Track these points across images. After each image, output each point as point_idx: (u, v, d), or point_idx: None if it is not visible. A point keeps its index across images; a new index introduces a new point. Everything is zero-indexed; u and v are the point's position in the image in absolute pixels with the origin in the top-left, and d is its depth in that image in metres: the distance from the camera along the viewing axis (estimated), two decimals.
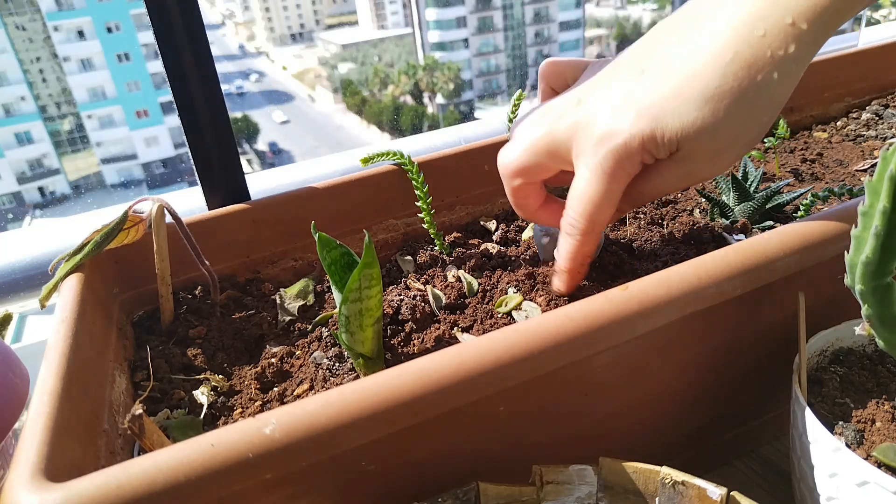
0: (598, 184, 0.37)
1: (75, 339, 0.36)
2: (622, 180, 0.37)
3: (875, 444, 0.33)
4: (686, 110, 0.34)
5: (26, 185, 29.01)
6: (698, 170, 0.37)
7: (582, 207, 0.38)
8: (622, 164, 0.36)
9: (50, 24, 30.22)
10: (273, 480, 0.28)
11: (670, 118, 0.35)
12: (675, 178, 0.37)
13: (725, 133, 0.35)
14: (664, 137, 0.35)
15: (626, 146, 0.36)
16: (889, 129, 0.66)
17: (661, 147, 0.36)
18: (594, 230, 0.38)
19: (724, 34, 0.34)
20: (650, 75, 0.36)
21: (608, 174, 0.36)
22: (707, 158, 0.36)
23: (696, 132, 0.35)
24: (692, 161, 0.36)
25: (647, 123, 0.35)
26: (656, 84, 0.35)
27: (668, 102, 0.35)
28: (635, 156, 0.36)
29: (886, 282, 0.30)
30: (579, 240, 0.39)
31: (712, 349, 0.40)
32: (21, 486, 0.26)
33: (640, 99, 0.36)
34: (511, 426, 0.35)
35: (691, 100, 0.34)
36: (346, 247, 0.38)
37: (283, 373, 0.42)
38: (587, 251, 0.39)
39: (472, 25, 34.94)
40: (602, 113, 0.37)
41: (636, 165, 0.37)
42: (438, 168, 0.55)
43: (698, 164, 0.36)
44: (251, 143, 33.57)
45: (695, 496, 0.31)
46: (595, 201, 0.37)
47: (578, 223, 0.38)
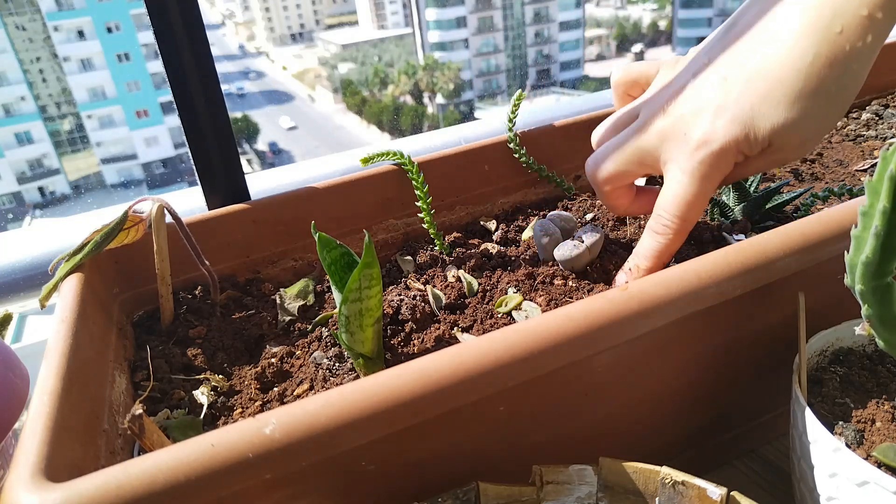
0: (693, 186, 0.40)
1: (75, 339, 0.36)
2: (716, 181, 0.40)
3: (875, 444, 0.33)
4: (776, 113, 0.37)
5: (26, 185, 29.01)
6: (786, 157, 0.40)
7: (677, 209, 0.40)
8: (718, 166, 0.39)
9: (50, 24, 30.22)
10: (273, 480, 0.28)
11: (761, 121, 0.37)
12: (764, 166, 0.41)
13: (812, 126, 0.38)
14: (757, 139, 0.38)
15: (723, 151, 0.39)
16: (889, 129, 0.66)
17: (753, 147, 0.38)
18: (686, 229, 0.41)
19: (803, 35, 0.36)
20: (734, 83, 0.38)
21: (705, 177, 0.39)
22: (795, 148, 0.39)
23: (785, 130, 0.37)
24: (782, 152, 0.39)
25: (740, 129, 0.38)
26: (742, 90, 0.38)
27: (758, 107, 0.37)
28: (730, 158, 0.39)
29: (886, 282, 0.30)
30: (672, 239, 0.41)
31: (712, 349, 0.40)
32: (21, 486, 0.26)
33: (730, 106, 0.38)
34: (511, 426, 0.35)
35: (779, 103, 0.37)
36: (346, 247, 0.38)
37: (283, 373, 0.42)
38: (674, 250, 0.41)
39: (472, 25, 34.93)
40: (694, 121, 0.40)
41: (730, 166, 0.39)
42: (438, 168, 0.55)
43: (787, 153, 0.39)
44: (251, 143, 33.57)
45: (695, 496, 0.31)
46: (690, 202, 0.40)
47: (673, 223, 0.40)
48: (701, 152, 0.39)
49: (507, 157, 0.58)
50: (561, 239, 0.46)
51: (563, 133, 0.60)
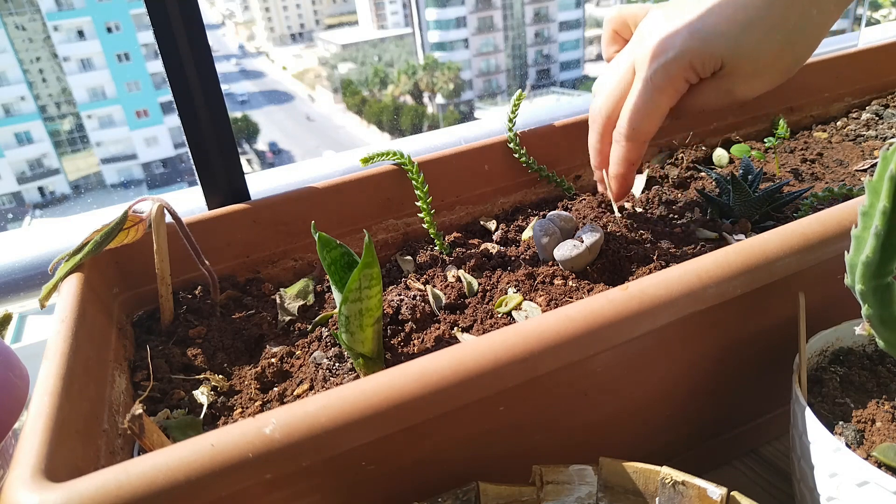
0: (645, 94, 0.43)
1: (75, 339, 0.36)
2: (669, 95, 0.42)
3: (875, 444, 0.33)
4: (732, 34, 0.40)
5: (26, 185, 29.00)
6: (737, 87, 0.42)
7: (629, 115, 0.43)
8: (670, 77, 0.42)
9: (50, 24, 30.20)
10: (273, 480, 0.28)
11: (719, 39, 0.40)
12: (716, 94, 0.43)
13: (764, 57, 0.40)
14: (711, 55, 0.40)
15: (675, 60, 0.41)
16: (889, 129, 0.66)
17: (706, 64, 0.41)
18: (638, 138, 0.43)
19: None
20: (706, 4, 0.41)
21: (657, 87, 0.42)
22: (745, 78, 0.41)
23: (739, 52, 0.40)
24: (732, 78, 0.41)
25: (697, 43, 0.41)
26: (710, 11, 0.41)
27: (718, 26, 0.40)
28: (683, 71, 0.41)
29: (886, 282, 0.30)
30: (624, 146, 0.44)
31: (712, 349, 0.40)
32: (21, 485, 0.26)
33: (693, 22, 0.41)
34: (511, 426, 0.35)
35: (738, 25, 0.40)
36: (346, 247, 0.38)
37: (283, 373, 0.42)
38: (632, 158, 0.45)
39: (472, 25, 34.92)
40: (659, 34, 0.42)
41: (682, 82, 0.42)
42: (438, 168, 0.55)
43: (737, 81, 0.42)
44: (251, 143, 33.55)
45: (695, 496, 0.31)
46: (641, 111, 0.43)
47: (625, 130, 0.44)
48: (656, 61, 0.42)
49: (507, 157, 0.58)
50: (561, 239, 0.46)
51: (563, 133, 0.60)
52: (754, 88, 0.42)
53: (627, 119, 0.44)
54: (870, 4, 1.31)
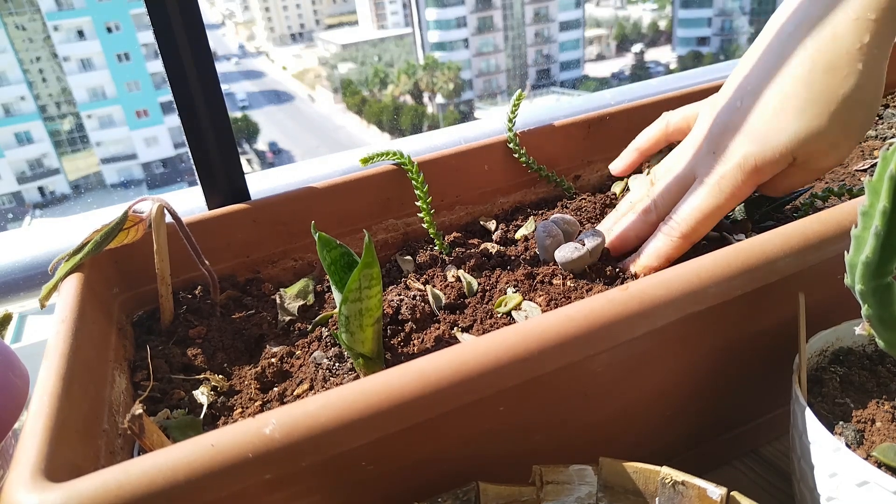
0: (713, 197, 0.42)
1: (75, 339, 0.36)
2: (734, 200, 0.42)
3: (875, 444, 0.33)
4: (788, 125, 0.39)
5: (26, 185, 28.99)
6: (821, 165, 0.41)
7: (691, 215, 0.42)
8: (736, 182, 0.41)
9: (50, 23, 30.19)
10: (273, 480, 0.28)
11: (777, 135, 0.40)
12: (804, 177, 0.42)
13: (833, 130, 0.39)
14: (776, 154, 0.40)
15: (738, 167, 0.41)
16: (889, 129, 0.66)
17: (776, 163, 0.40)
18: (692, 238, 0.43)
19: (800, 51, 0.39)
20: (749, 104, 0.41)
21: (725, 191, 0.41)
22: (825, 155, 0.40)
23: (806, 141, 0.39)
24: (813, 162, 0.41)
25: (757, 146, 0.40)
26: (756, 110, 0.41)
27: (772, 123, 0.40)
28: (749, 178, 0.41)
29: (886, 282, 0.30)
30: (675, 243, 0.43)
31: (712, 349, 0.40)
32: (21, 486, 0.26)
33: (746, 125, 0.41)
34: (511, 426, 0.35)
35: (790, 115, 0.39)
36: (346, 247, 0.38)
37: (283, 373, 0.42)
38: (674, 255, 0.43)
39: (472, 25, 34.91)
40: (717, 140, 0.42)
41: (750, 187, 0.41)
42: (438, 168, 0.55)
43: (819, 161, 0.41)
44: (251, 143, 33.55)
45: (695, 496, 0.31)
46: (706, 213, 0.42)
47: (681, 227, 0.42)
48: (720, 167, 0.41)
49: (507, 157, 0.58)
50: (563, 241, 0.46)
51: (563, 133, 0.60)
52: (841, 156, 0.41)
53: (685, 217, 0.42)
54: None
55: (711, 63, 0.94)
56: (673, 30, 36.56)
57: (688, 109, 0.52)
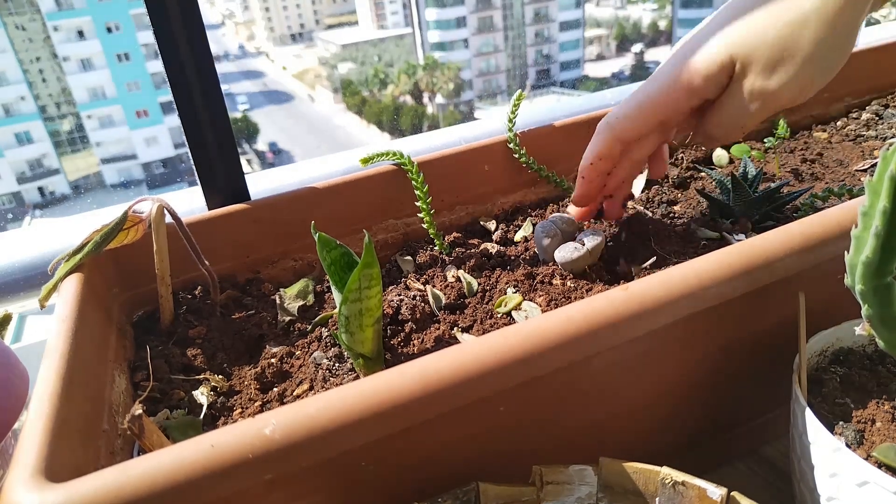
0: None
1: (75, 340, 0.36)
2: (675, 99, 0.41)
3: (875, 444, 0.33)
4: (736, 29, 0.39)
5: (26, 185, 28.99)
6: (757, 84, 0.39)
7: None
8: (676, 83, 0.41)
9: (50, 24, 30.19)
10: (273, 481, 0.28)
11: (723, 39, 0.39)
12: (738, 102, 0.40)
13: (776, 45, 0.38)
14: (712, 49, 0.39)
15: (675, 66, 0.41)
16: (889, 129, 0.66)
17: (713, 62, 0.39)
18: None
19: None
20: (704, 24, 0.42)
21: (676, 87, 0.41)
22: (763, 70, 0.38)
23: (739, 42, 0.38)
24: (750, 75, 0.39)
25: (697, 52, 0.41)
26: (715, 19, 0.42)
27: (725, 28, 0.40)
28: (684, 75, 0.41)
29: (886, 282, 0.30)
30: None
31: (712, 349, 0.40)
32: (21, 486, 0.26)
33: (688, 43, 0.42)
34: (511, 426, 0.35)
35: (744, 22, 0.39)
36: (345, 247, 0.38)
37: (283, 373, 0.42)
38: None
39: (472, 25, 34.91)
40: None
41: (685, 89, 0.41)
42: (438, 168, 0.55)
43: (756, 78, 0.39)
44: (251, 143, 33.54)
45: (695, 496, 0.31)
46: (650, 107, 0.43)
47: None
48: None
49: (507, 157, 0.58)
50: (562, 241, 0.46)
51: (563, 133, 0.60)
52: (782, 84, 0.38)
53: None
54: None
55: None
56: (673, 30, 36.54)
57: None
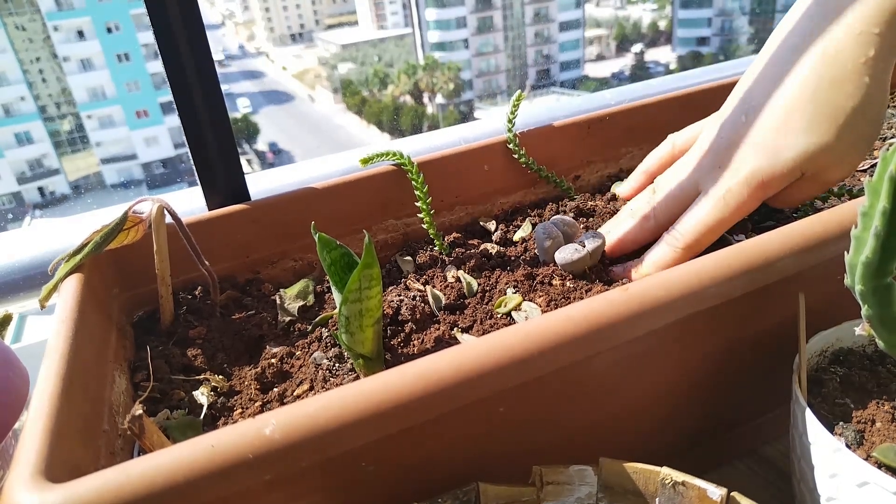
0: (717, 211, 0.41)
1: (75, 340, 0.36)
2: (739, 213, 0.41)
3: (875, 444, 0.33)
4: (796, 141, 0.39)
5: (26, 185, 28.98)
6: (829, 178, 0.41)
7: (695, 227, 0.42)
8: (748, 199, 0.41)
9: (50, 24, 30.18)
10: (273, 481, 0.28)
11: (785, 152, 0.39)
12: (813, 191, 0.42)
13: (840, 145, 0.39)
14: (785, 169, 0.40)
15: (747, 180, 0.40)
16: (889, 129, 0.66)
17: (783, 178, 0.40)
18: (694, 250, 0.42)
19: (805, 65, 0.39)
20: (755, 118, 0.41)
21: (730, 205, 0.41)
22: (832, 168, 0.40)
23: (814, 156, 0.39)
24: (821, 176, 0.40)
25: (765, 161, 0.40)
26: (763, 125, 0.41)
27: (780, 139, 0.40)
28: (755, 192, 0.41)
29: (886, 282, 0.30)
30: (678, 253, 0.43)
31: (712, 349, 0.40)
32: (21, 486, 0.26)
33: (757, 139, 0.41)
34: (511, 427, 0.35)
35: (797, 130, 0.39)
36: (346, 247, 0.38)
37: (283, 373, 0.42)
38: (673, 265, 0.42)
39: (472, 25, 34.91)
40: (724, 154, 0.42)
41: (755, 201, 0.41)
42: (438, 168, 0.55)
43: (827, 175, 0.41)
44: (251, 143, 33.54)
45: (695, 496, 0.31)
46: (710, 226, 0.42)
47: (684, 238, 0.42)
48: (726, 181, 0.41)
49: (507, 157, 0.58)
50: (563, 242, 0.46)
51: (563, 133, 0.60)
52: (848, 170, 0.41)
53: (691, 230, 0.42)
54: None
55: (711, 63, 0.94)
56: (673, 30, 36.57)
57: (693, 128, 0.52)
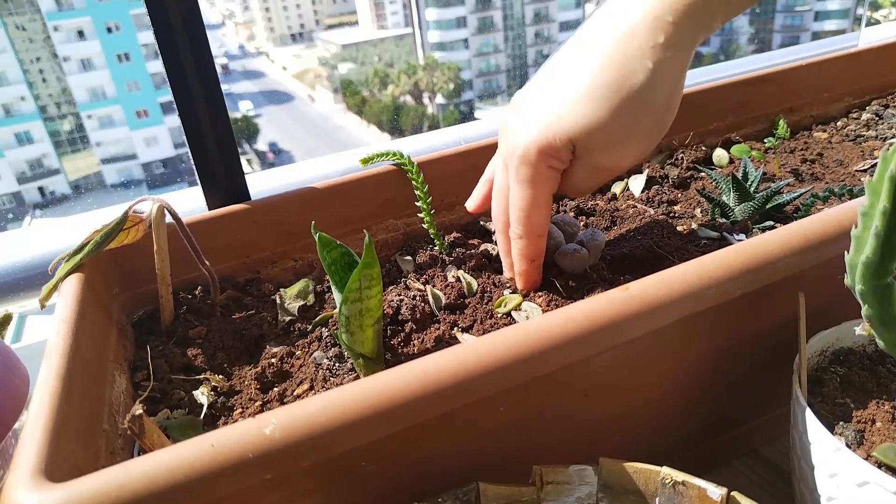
0: (519, 191, 0.41)
1: (75, 339, 0.36)
2: (541, 186, 0.41)
3: (875, 444, 0.33)
4: (572, 112, 0.38)
5: (26, 185, 28.98)
6: (600, 162, 0.40)
7: (515, 214, 0.42)
8: (534, 171, 0.40)
9: (50, 24, 30.18)
10: (273, 481, 0.28)
11: (562, 122, 0.39)
12: (586, 173, 0.41)
13: (614, 126, 0.38)
14: (556, 139, 0.39)
15: (528, 154, 0.40)
16: (889, 129, 0.66)
17: (559, 149, 0.39)
18: (530, 233, 0.42)
19: (602, 43, 0.38)
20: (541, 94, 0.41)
21: (526, 182, 0.41)
22: (603, 150, 0.39)
23: (584, 129, 0.38)
24: (591, 155, 0.40)
25: (543, 133, 0.39)
26: (552, 97, 0.40)
27: (557, 109, 0.39)
28: (541, 161, 0.40)
29: (886, 282, 0.30)
30: (520, 244, 0.43)
31: (713, 349, 0.40)
32: (21, 486, 0.26)
33: (535, 111, 0.40)
34: (511, 426, 0.35)
35: (576, 102, 0.38)
36: (346, 247, 0.38)
37: (283, 373, 0.42)
38: (530, 254, 0.43)
39: (472, 25, 34.91)
40: (513, 131, 0.41)
41: (546, 170, 0.40)
42: (438, 168, 0.55)
43: (597, 156, 0.40)
44: (251, 143, 33.54)
45: (695, 496, 0.31)
46: (522, 207, 0.41)
47: (516, 229, 0.42)
48: (514, 159, 0.41)
49: None
50: (563, 242, 0.46)
51: None
52: (620, 159, 0.40)
53: (514, 219, 0.42)
54: (870, 4, 1.32)
55: (711, 63, 0.94)
56: None
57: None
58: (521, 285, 0.45)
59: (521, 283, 0.45)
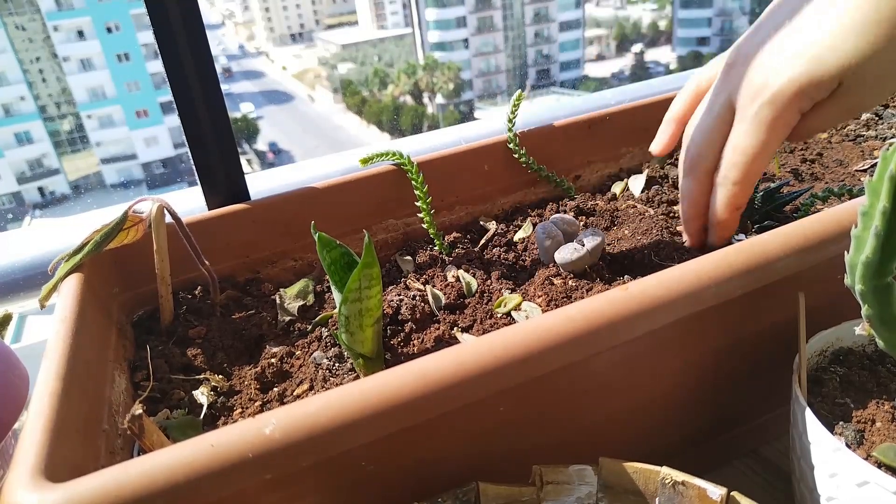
0: (754, 134, 0.38)
1: (75, 339, 0.36)
2: (780, 131, 0.38)
3: (875, 444, 0.33)
4: (844, 44, 0.35)
5: (26, 185, 28.98)
6: (860, 101, 0.37)
7: (737, 159, 0.39)
8: (781, 113, 0.37)
9: (50, 24, 30.18)
10: (273, 481, 0.28)
11: (829, 55, 0.35)
12: (835, 115, 0.38)
13: (885, 59, 0.35)
14: (824, 77, 0.36)
15: (784, 92, 0.37)
16: (889, 129, 0.66)
17: (821, 88, 0.36)
18: (747, 181, 0.39)
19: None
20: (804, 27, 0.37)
21: (766, 125, 0.38)
22: (870, 87, 0.36)
23: (858, 63, 0.35)
24: (855, 93, 0.36)
25: (804, 67, 0.36)
26: (811, 32, 0.36)
27: (825, 41, 0.35)
28: (795, 102, 0.37)
29: (886, 282, 0.30)
30: (731, 190, 0.40)
31: (712, 349, 0.40)
32: (21, 486, 0.26)
33: (795, 44, 0.36)
34: (511, 426, 0.35)
35: (849, 32, 0.35)
36: (345, 247, 0.38)
37: (283, 373, 0.42)
38: (740, 203, 0.40)
39: (472, 25, 34.92)
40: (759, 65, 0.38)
41: (794, 114, 0.37)
42: (438, 168, 0.55)
43: (861, 94, 0.37)
44: (251, 143, 33.54)
45: (695, 496, 0.31)
46: (750, 152, 0.38)
47: (733, 174, 0.39)
48: (761, 96, 0.38)
49: (507, 157, 0.58)
50: (563, 242, 0.46)
51: (563, 133, 0.60)
52: (880, 97, 0.37)
53: (735, 162, 0.39)
54: None
55: None
56: (673, 30, 36.57)
57: (716, 62, 0.47)
58: (716, 237, 0.42)
59: (716, 235, 0.42)
